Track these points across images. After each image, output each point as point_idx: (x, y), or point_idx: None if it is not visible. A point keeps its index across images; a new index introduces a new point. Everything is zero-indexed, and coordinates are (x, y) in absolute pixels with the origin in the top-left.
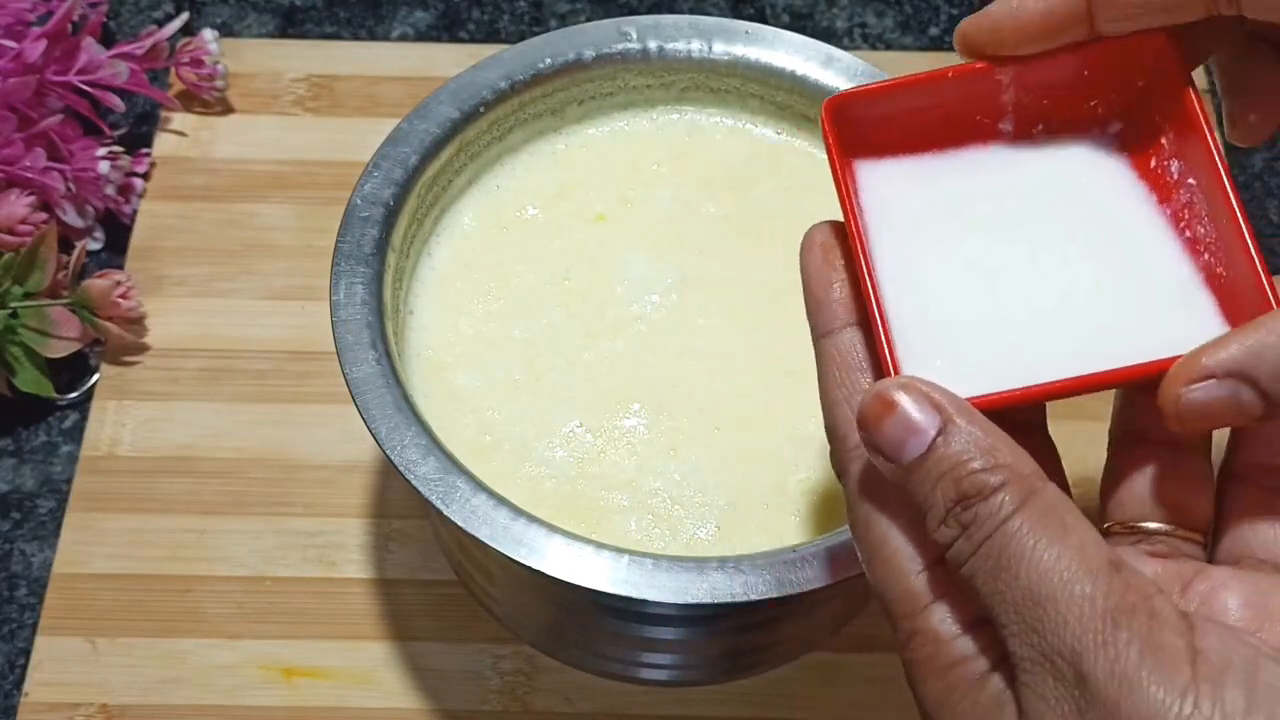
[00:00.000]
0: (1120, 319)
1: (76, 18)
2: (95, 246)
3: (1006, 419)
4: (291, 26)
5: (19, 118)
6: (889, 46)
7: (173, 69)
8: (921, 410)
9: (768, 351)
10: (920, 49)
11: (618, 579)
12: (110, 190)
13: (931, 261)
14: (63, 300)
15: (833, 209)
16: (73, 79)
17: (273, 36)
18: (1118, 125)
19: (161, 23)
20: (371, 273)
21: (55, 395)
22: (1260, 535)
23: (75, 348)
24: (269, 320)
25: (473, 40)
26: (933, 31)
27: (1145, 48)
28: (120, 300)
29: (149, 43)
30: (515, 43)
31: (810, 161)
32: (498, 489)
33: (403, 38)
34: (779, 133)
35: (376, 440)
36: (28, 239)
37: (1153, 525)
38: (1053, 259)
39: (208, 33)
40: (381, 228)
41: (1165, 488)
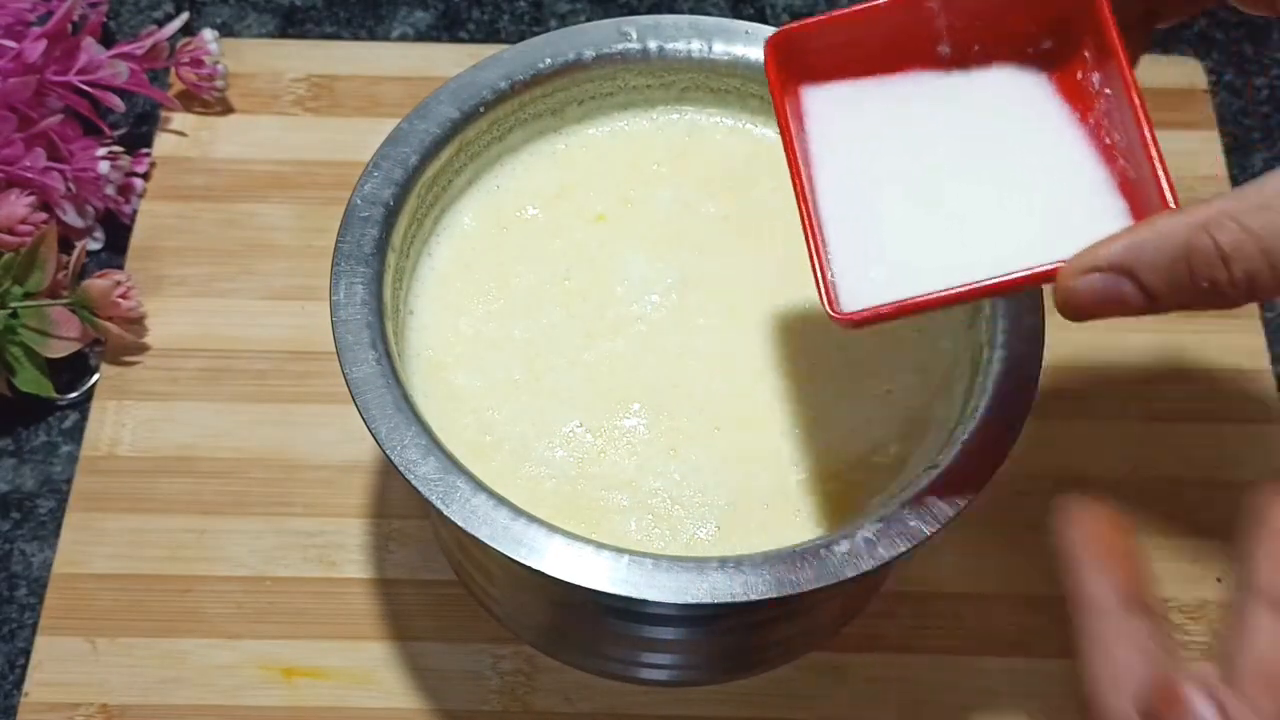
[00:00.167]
0: (1044, 225)
1: (76, 18)
2: (95, 246)
3: None
4: (291, 26)
5: (19, 118)
6: None
7: (173, 69)
8: None
9: (768, 351)
10: None
11: (618, 579)
12: (110, 190)
13: (870, 179)
14: (63, 300)
15: None
16: (73, 79)
17: (273, 36)
18: (1048, 42)
19: (161, 23)
20: (371, 273)
21: (55, 395)
22: None
23: (75, 348)
24: (269, 320)
25: (473, 40)
26: None
27: None
28: (120, 300)
29: (149, 43)
30: (515, 43)
31: None
32: (498, 489)
33: (403, 38)
34: (779, 132)
35: (376, 440)
36: (28, 239)
37: None
38: (983, 173)
39: (208, 33)
40: (381, 228)
41: None
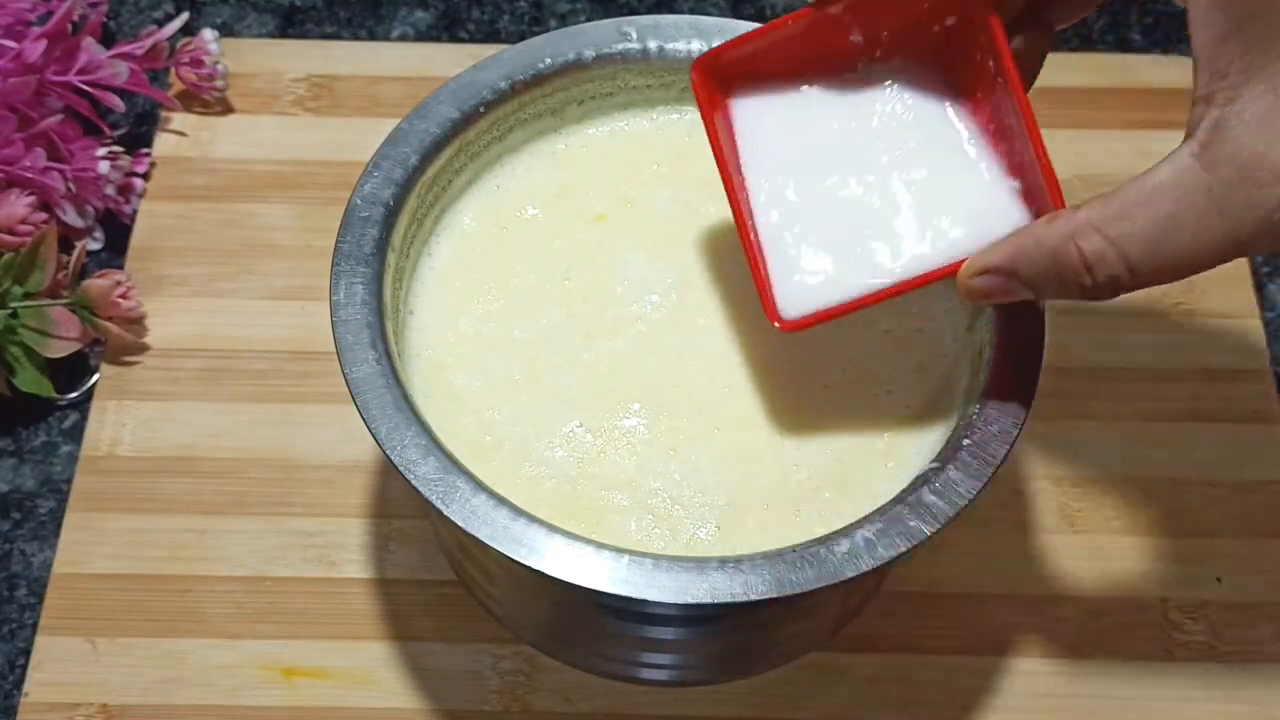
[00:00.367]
0: (951, 224)
1: (76, 18)
2: (95, 246)
3: None
4: (291, 26)
5: (19, 118)
6: None
7: (173, 69)
8: None
9: (768, 351)
10: None
11: (618, 579)
12: (110, 190)
13: (799, 188)
14: (63, 300)
15: None
16: (73, 79)
17: (273, 36)
18: (950, 52)
19: (161, 23)
20: (371, 273)
21: (55, 395)
22: None
23: (75, 348)
24: (269, 320)
25: (473, 40)
26: None
27: None
28: (120, 300)
29: (149, 43)
30: (515, 43)
31: None
32: (498, 489)
33: (403, 38)
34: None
35: (376, 440)
36: (28, 239)
37: None
38: (900, 178)
39: (208, 33)
40: (381, 228)
41: None
